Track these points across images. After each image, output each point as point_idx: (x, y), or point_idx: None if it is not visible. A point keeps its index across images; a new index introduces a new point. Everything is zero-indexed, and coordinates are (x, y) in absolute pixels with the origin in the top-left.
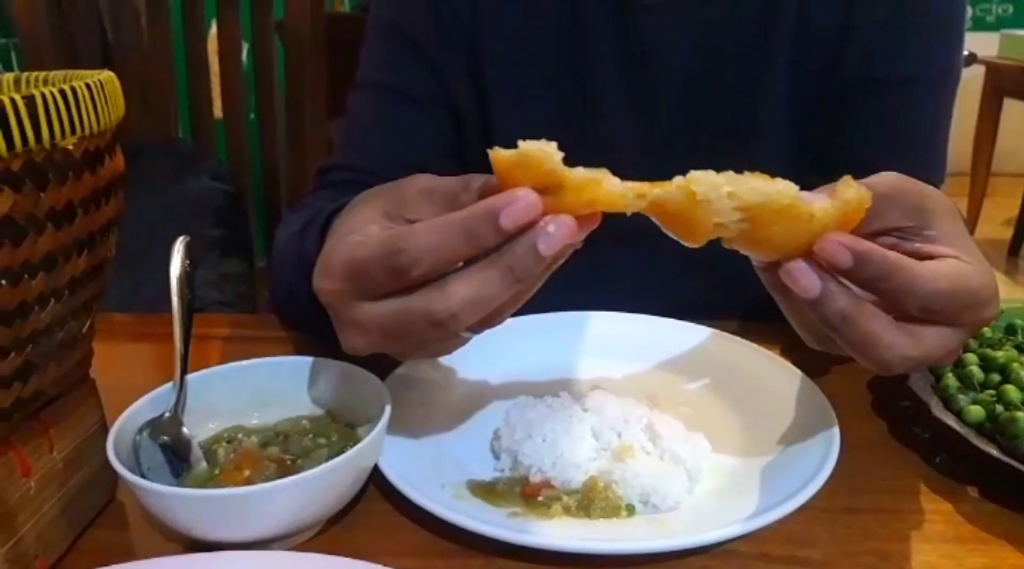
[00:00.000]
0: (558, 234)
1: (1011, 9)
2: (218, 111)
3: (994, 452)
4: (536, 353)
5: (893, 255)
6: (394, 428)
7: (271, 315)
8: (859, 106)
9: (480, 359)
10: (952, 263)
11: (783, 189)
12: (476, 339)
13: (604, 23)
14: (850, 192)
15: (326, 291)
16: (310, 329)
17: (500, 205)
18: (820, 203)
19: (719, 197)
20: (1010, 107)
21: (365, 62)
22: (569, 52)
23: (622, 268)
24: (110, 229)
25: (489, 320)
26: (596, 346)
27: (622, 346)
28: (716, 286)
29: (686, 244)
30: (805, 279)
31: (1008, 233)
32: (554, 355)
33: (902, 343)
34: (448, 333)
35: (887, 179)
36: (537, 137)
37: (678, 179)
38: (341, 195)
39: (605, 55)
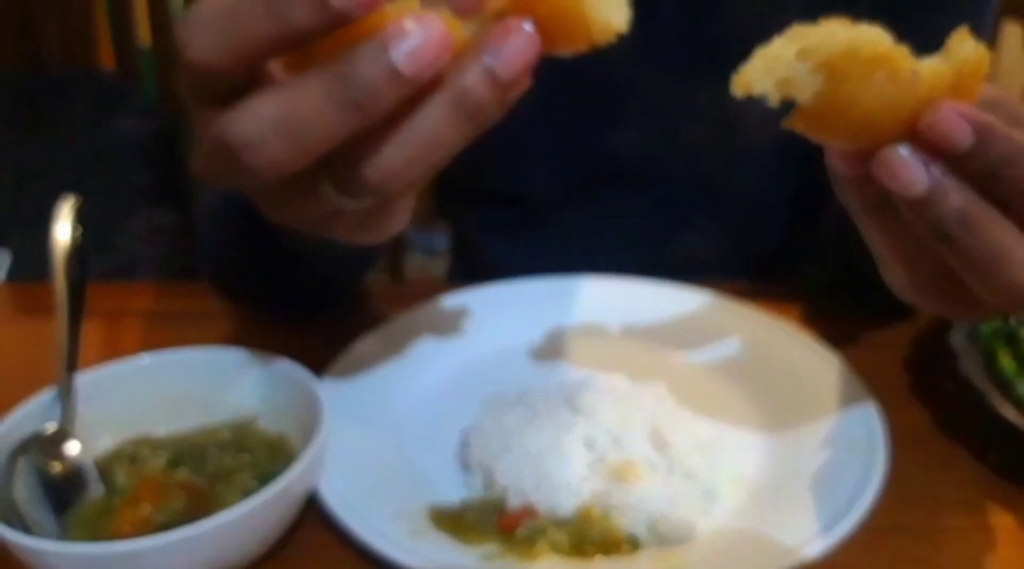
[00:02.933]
0: (424, 40)
1: None
2: (146, 38)
3: None
4: (514, 331)
5: (1018, 132)
6: (336, 438)
7: (201, 284)
8: (887, 25)
9: (445, 341)
10: None
11: (874, 35)
12: (439, 315)
13: None
14: (967, 48)
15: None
16: (242, 288)
17: None
18: (927, 61)
19: (788, 64)
20: (1007, 28)
21: None
22: None
23: (617, 214)
24: None
25: (348, 174)
26: (586, 321)
27: (617, 320)
28: (722, 236)
29: (569, 52)
30: (908, 169)
31: None
32: (537, 333)
33: None
34: (252, 172)
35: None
36: None
37: None
38: None
39: None
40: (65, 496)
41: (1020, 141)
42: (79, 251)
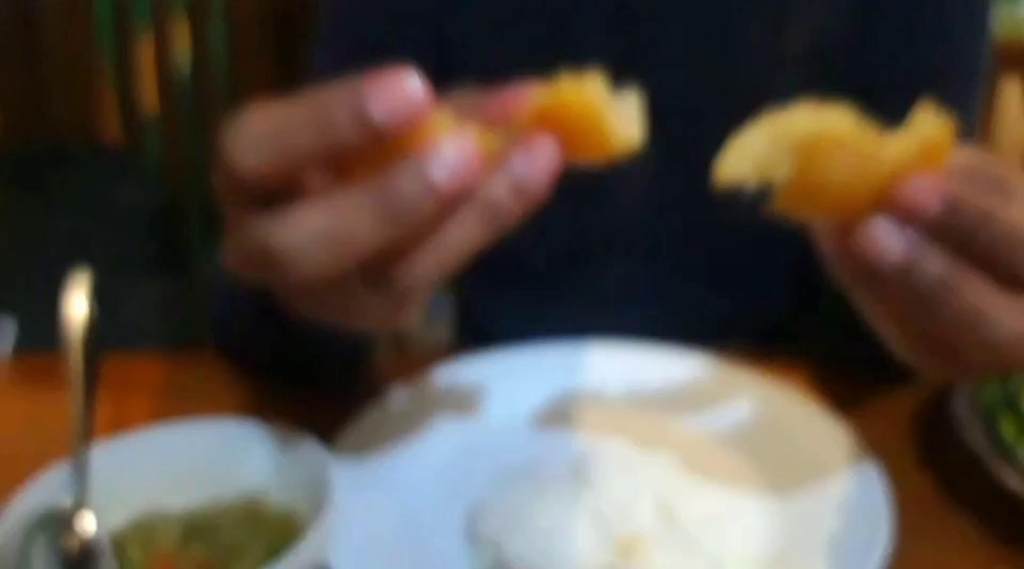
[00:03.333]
0: (458, 158)
1: None
2: (152, 104)
3: None
4: (520, 399)
5: (985, 200)
6: (345, 512)
7: (209, 353)
8: (881, 102)
9: (451, 412)
10: None
11: (839, 116)
12: (444, 385)
13: (593, 17)
14: (929, 123)
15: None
16: (255, 360)
17: (370, 85)
18: (886, 141)
19: (762, 151)
20: (1006, 84)
21: (316, 65)
22: (553, 47)
23: (617, 280)
24: None
25: (381, 276)
26: (591, 387)
27: (622, 386)
28: (727, 299)
29: (589, 162)
30: (885, 239)
31: None
32: (542, 401)
33: (1018, 313)
34: (293, 277)
35: (959, 156)
36: None
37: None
38: None
39: (593, 29)
40: None
41: (988, 206)
42: (92, 324)
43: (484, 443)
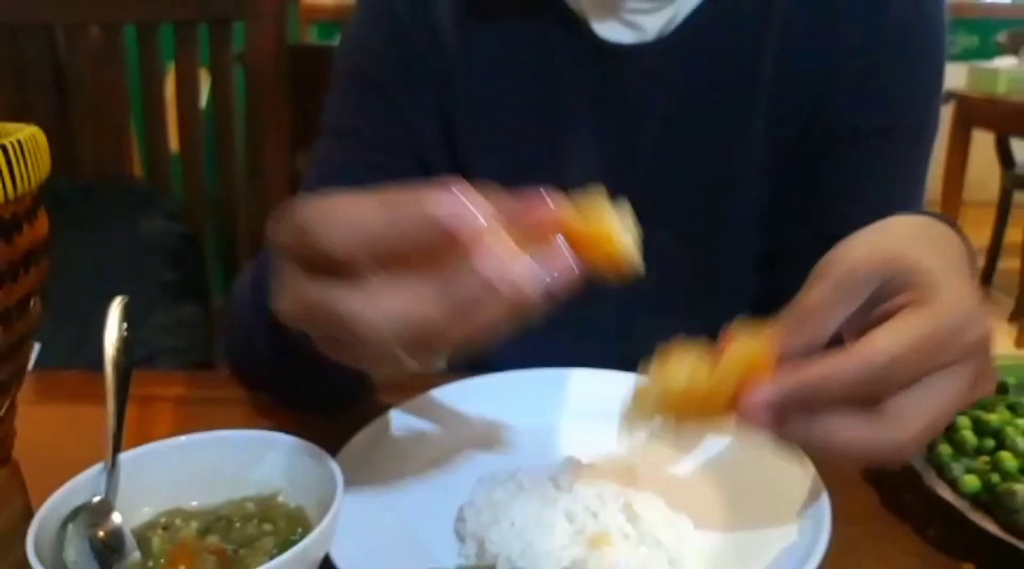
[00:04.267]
0: (523, 273)
1: (977, 41)
2: (174, 145)
3: (992, 528)
4: (505, 417)
5: (811, 371)
6: (346, 511)
7: (224, 370)
8: (837, 155)
9: (443, 426)
10: (899, 323)
11: (677, 365)
12: (438, 403)
13: (579, 67)
14: (742, 348)
15: (273, 239)
16: (263, 382)
17: (442, 197)
18: (715, 377)
19: (643, 414)
20: (978, 137)
21: (329, 107)
22: (543, 96)
23: (595, 313)
24: (29, 301)
25: (430, 348)
26: (570, 408)
27: (597, 408)
28: (702, 334)
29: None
30: (759, 418)
31: (979, 262)
32: (524, 419)
33: (884, 432)
34: (365, 342)
35: (821, 287)
36: (509, 183)
37: None
38: None
39: (580, 100)
40: (108, 560)
41: (811, 379)
42: (126, 344)
43: (471, 454)
